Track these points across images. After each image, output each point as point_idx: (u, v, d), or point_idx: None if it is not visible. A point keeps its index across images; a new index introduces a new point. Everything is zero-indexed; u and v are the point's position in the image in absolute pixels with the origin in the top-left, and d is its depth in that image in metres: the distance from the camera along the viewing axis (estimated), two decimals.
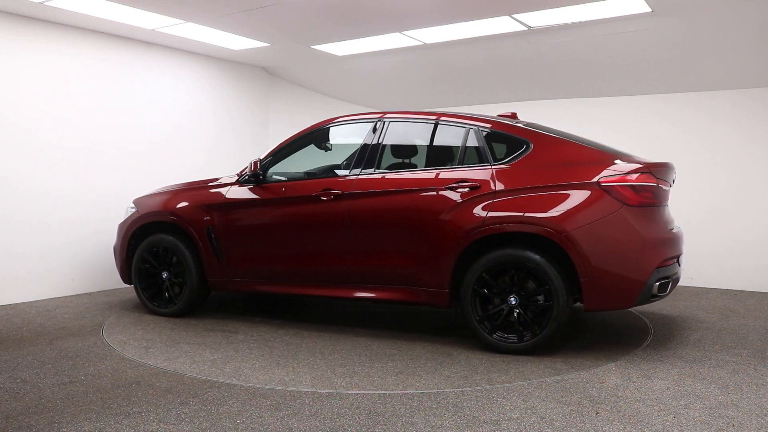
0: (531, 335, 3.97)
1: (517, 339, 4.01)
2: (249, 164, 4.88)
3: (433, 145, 4.59)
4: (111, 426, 2.85)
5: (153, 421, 2.90)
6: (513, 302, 4.01)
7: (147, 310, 5.29)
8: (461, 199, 4.14)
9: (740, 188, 6.53)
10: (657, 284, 3.90)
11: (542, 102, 7.58)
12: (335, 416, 2.97)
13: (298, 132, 5.00)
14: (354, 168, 4.58)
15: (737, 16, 5.11)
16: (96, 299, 5.84)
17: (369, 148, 4.60)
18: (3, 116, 5.46)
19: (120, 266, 5.40)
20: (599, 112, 7.27)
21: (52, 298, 5.82)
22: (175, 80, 6.86)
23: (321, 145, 5.06)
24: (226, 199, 4.95)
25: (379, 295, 4.42)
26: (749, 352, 4.10)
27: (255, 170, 4.84)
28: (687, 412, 3.02)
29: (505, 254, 3.99)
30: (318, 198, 4.58)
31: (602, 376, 3.58)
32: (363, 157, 4.59)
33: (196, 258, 5.02)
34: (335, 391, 3.33)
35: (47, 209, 5.78)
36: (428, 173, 4.35)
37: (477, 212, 4.06)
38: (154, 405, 3.11)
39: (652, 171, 4.01)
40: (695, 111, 6.77)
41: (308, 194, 4.62)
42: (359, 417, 2.96)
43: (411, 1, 5.02)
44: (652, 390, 3.34)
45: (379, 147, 4.58)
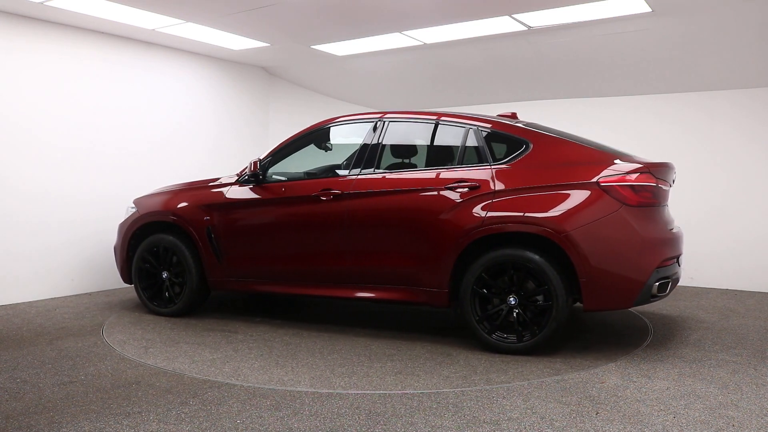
0: (530, 335, 3.97)
1: (517, 339, 4.01)
2: (249, 164, 4.89)
3: (433, 145, 4.59)
4: (111, 426, 2.85)
5: (153, 421, 2.90)
6: (512, 302, 4.01)
7: (147, 310, 5.29)
8: (461, 199, 4.14)
9: (740, 188, 6.53)
10: (656, 284, 3.90)
11: (542, 102, 7.58)
12: (335, 416, 2.97)
13: (298, 132, 5.00)
14: (353, 168, 4.58)
15: (737, 16, 5.11)
16: (96, 299, 5.84)
17: (368, 148, 4.60)
18: (3, 116, 5.47)
19: (120, 266, 5.41)
20: (599, 112, 7.26)
21: (52, 298, 5.82)
22: (175, 80, 6.86)
23: (321, 145, 5.06)
24: (226, 199, 4.95)
25: (379, 295, 4.42)
26: (749, 352, 4.11)
27: (255, 170, 4.84)
28: (687, 412, 3.02)
29: (505, 254, 3.99)
30: (317, 198, 4.58)
31: (602, 376, 3.58)
32: (362, 157, 4.59)
33: (196, 258, 5.03)
34: (335, 391, 3.33)
35: (47, 209, 5.79)
36: (428, 173, 4.35)
37: (476, 212, 4.06)
38: (154, 405, 3.11)
39: (652, 171, 4.01)
40: (695, 111, 6.77)
41: (308, 194, 4.63)
42: (359, 417, 2.96)
43: (411, 1, 5.02)
44: (652, 390, 3.34)
45: (379, 147, 4.58)
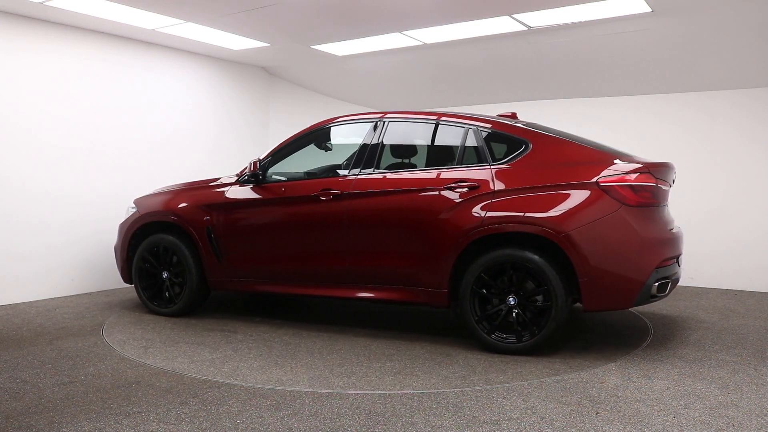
0: (530, 335, 3.97)
1: (516, 339, 4.01)
2: (249, 164, 4.89)
3: (432, 145, 4.59)
4: (111, 426, 2.85)
5: (153, 421, 2.90)
6: (512, 302, 4.01)
7: (147, 310, 5.29)
8: (460, 199, 4.13)
9: (740, 188, 6.53)
10: (656, 284, 3.90)
11: (542, 102, 7.58)
12: (335, 416, 2.97)
13: (298, 132, 5.00)
14: (353, 168, 4.58)
15: (737, 16, 5.11)
16: (96, 299, 5.84)
17: (368, 148, 4.60)
18: (3, 116, 5.47)
19: (121, 266, 5.41)
20: (599, 112, 7.26)
21: (52, 298, 5.83)
22: (175, 80, 6.86)
23: (321, 145, 5.06)
24: (226, 199, 4.95)
25: (378, 295, 4.42)
26: (749, 352, 4.11)
27: (255, 170, 4.85)
28: (687, 412, 3.02)
29: (504, 254, 3.99)
30: (317, 198, 4.58)
31: (602, 376, 3.58)
32: (362, 157, 4.58)
33: (196, 258, 5.03)
34: (335, 391, 3.33)
35: (47, 209, 5.79)
36: (427, 173, 4.35)
37: (476, 212, 4.06)
38: (154, 405, 3.11)
39: (652, 171, 4.01)
40: (695, 111, 6.77)
41: (308, 194, 4.63)
42: (359, 417, 2.96)
43: (411, 1, 5.02)
44: (652, 390, 3.34)
45: (379, 147, 4.58)
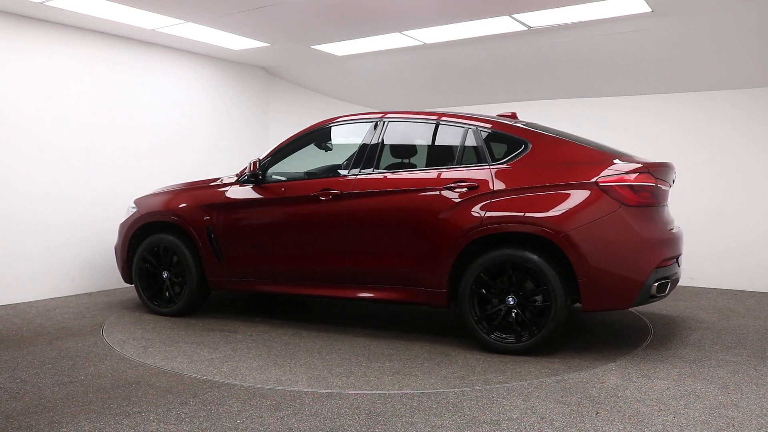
0: (529, 335, 3.97)
1: (515, 339, 4.00)
2: (248, 164, 4.89)
3: (432, 145, 4.59)
4: (111, 426, 2.85)
5: (153, 421, 2.90)
6: (511, 302, 4.01)
7: (147, 310, 5.29)
8: (459, 199, 4.13)
9: (740, 188, 6.53)
10: (655, 285, 3.89)
11: (542, 102, 7.58)
12: (335, 416, 2.97)
13: (298, 132, 5.00)
14: (353, 168, 4.58)
15: (737, 16, 5.10)
16: (96, 299, 5.84)
17: (368, 148, 4.60)
18: (3, 116, 5.47)
19: (121, 266, 5.42)
20: (599, 112, 7.26)
21: (52, 298, 5.83)
22: (175, 80, 6.86)
23: (321, 145, 5.06)
24: (226, 199, 4.96)
25: (378, 295, 4.42)
26: (749, 352, 4.11)
27: (254, 170, 4.85)
28: (687, 412, 3.02)
29: (503, 254, 3.99)
30: (317, 198, 4.58)
31: (602, 376, 3.58)
32: (362, 157, 4.58)
33: (196, 258, 5.03)
34: (335, 391, 3.33)
35: (47, 209, 5.79)
36: (426, 173, 4.35)
37: (475, 212, 4.06)
38: (154, 405, 3.11)
39: (651, 171, 4.00)
40: (695, 111, 6.77)
41: (307, 194, 4.63)
42: (359, 417, 2.97)
43: (411, 1, 5.02)
44: (652, 390, 3.34)
45: (378, 147, 4.58)
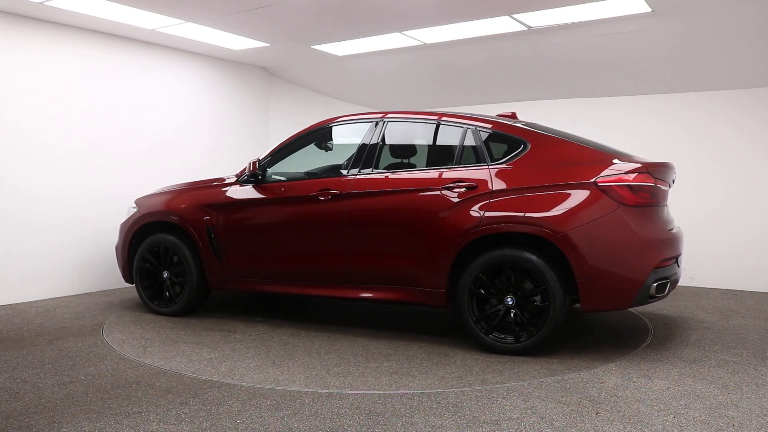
0: (527, 336, 3.96)
1: (514, 340, 4.00)
2: (248, 164, 4.89)
3: (431, 145, 4.59)
4: (111, 426, 2.85)
5: (153, 421, 2.90)
6: (510, 303, 4.00)
7: (147, 310, 5.30)
8: (458, 199, 4.13)
9: (740, 188, 6.53)
10: (655, 285, 3.89)
11: (542, 102, 7.58)
12: (335, 416, 2.97)
13: (298, 132, 5.00)
14: (352, 168, 4.59)
15: (737, 16, 5.10)
16: (96, 299, 5.84)
17: (367, 148, 4.60)
18: (3, 116, 5.47)
19: (122, 266, 5.42)
20: (599, 112, 7.26)
21: (52, 298, 5.83)
22: (175, 80, 6.86)
23: (320, 145, 5.06)
24: (226, 199, 4.96)
25: (377, 295, 4.42)
26: (749, 352, 4.10)
27: (254, 170, 4.85)
28: (687, 412, 3.02)
29: (502, 254, 3.99)
30: (316, 198, 4.58)
31: (602, 376, 3.58)
32: (361, 157, 4.58)
33: (197, 258, 5.03)
34: (335, 391, 3.33)
35: (47, 209, 5.79)
36: (425, 173, 4.35)
37: (474, 212, 4.05)
38: (154, 405, 3.11)
39: (651, 171, 4.00)
40: (695, 111, 6.77)
41: (307, 194, 4.63)
42: (359, 417, 2.97)
43: (411, 1, 5.02)
44: (652, 390, 3.34)
45: (377, 147, 4.58)
